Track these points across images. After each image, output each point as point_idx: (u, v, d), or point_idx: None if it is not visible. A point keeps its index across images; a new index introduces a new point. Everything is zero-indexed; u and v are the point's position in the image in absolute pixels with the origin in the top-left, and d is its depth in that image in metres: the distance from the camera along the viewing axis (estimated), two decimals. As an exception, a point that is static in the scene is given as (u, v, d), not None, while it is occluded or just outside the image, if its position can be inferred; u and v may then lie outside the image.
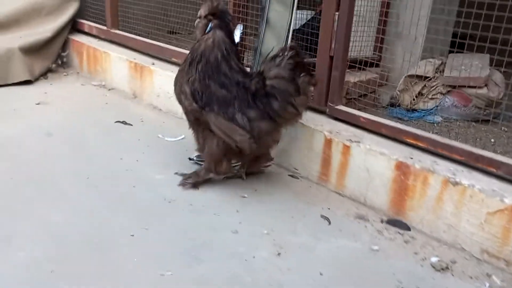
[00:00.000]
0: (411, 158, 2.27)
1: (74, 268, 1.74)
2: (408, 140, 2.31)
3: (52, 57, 4.43)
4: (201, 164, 2.54)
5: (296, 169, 2.72)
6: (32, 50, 4.14)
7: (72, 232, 1.97)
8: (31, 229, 1.97)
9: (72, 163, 2.61)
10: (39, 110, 3.48)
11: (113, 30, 4.25)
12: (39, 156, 2.68)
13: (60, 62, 4.53)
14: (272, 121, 2.21)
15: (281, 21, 2.68)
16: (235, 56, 2.27)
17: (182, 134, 3.04)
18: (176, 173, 2.52)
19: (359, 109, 2.64)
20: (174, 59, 3.59)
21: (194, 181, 2.40)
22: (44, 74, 4.27)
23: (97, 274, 1.71)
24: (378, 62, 3.25)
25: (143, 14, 4.18)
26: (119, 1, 4.17)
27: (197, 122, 2.29)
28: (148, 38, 4.02)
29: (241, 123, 2.19)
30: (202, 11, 2.30)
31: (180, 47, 3.65)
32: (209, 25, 2.28)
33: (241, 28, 3.03)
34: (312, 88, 2.33)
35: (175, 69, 2.55)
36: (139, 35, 4.09)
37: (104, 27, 4.32)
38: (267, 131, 2.23)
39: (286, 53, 2.20)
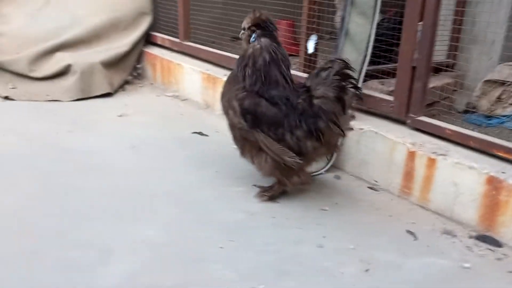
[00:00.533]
0: (503, 172, 2.15)
1: (171, 278, 1.79)
2: (499, 154, 2.19)
3: (128, 69, 4.55)
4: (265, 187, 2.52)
5: (376, 182, 2.65)
6: (111, 64, 4.28)
7: (166, 245, 2.01)
8: (128, 242, 2.02)
9: (158, 178, 2.64)
10: (121, 122, 3.55)
11: (185, 42, 4.31)
12: (126, 170, 2.72)
13: (135, 74, 4.66)
14: (318, 139, 2.20)
15: (361, 33, 2.64)
16: (283, 63, 2.25)
17: None
18: (254, 185, 2.51)
19: (433, 116, 2.56)
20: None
21: (271, 194, 2.40)
22: (122, 86, 4.39)
23: (194, 285, 1.75)
24: (451, 68, 3.12)
25: (209, 21, 4.23)
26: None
27: (243, 137, 2.28)
28: (213, 46, 4.09)
29: (291, 144, 2.19)
30: (245, 23, 2.29)
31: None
32: (253, 36, 2.26)
33: (315, 39, 2.98)
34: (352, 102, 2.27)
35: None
36: (204, 44, 4.15)
37: (177, 39, 4.38)
38: (313, 149, 2.22)
39: (332, 66, 2.17)
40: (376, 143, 2.57)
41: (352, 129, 2.39)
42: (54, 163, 2.72)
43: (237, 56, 2.43)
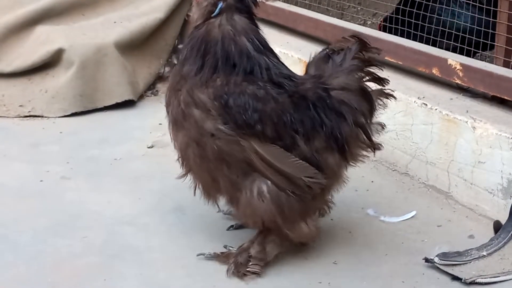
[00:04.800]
0: None
1: None
2: None
3: (164, 54, 4.33)
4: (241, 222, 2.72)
5: None
6: (134, 46, 4.15)
7: None
8: None
9: None
10: (154, 159, 3.43)
11: (270, 2, 4.14)
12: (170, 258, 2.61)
13: (176, 61, 4.31)
14: (340, 154, 2.38)
15: None
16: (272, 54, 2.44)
17: (413, 209, 2.94)
18: (225, 246, 2.62)
19: None
20: (388, 58, 3.38)
21: (262, 265, 2.47)
22: (152, 86, 4.24)
23: None
24: None
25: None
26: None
27: (217, 157, 2.36)
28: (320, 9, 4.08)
29: (307, 154, 2.34)
30: None
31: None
32: (219, 5, 2.37)
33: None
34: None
35: (394, 78, 2.85)
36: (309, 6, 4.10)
37: None
38: (335, 170, 2.41)
39: (349, 47, 2.39)
40: None
41: (381, 145, 2.57)
42: (45, 243, 2.71)
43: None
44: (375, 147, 2.46)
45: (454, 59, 3.00)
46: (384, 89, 2.47)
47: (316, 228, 2.50)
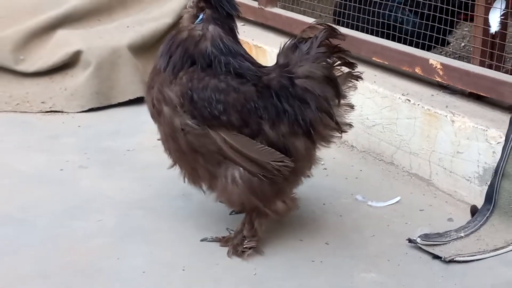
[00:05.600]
0: None
1: None
2: None
3: None
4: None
5: None
6: (145, 48, 4.11)
7: None
8: None
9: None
10: (162, 152, 3.37)
11: (268, 9, 4.13)
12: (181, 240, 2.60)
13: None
14: (307, 137, 2.36)
15: None
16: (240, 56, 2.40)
17: (398, 195, 2.92)
18: (227, 229, 2.62)
19: None
20: (375, 59, 3.37)
21: (254, 243, 2.46)
22: None
23: None
24: None
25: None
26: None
27: (191, 148, 2.36)
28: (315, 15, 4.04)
29: (273, 138, 2.32)
30: None
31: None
32: (199, 16, 2.40)
33: (503, 6, 2.92)
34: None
35: (380, 77, 2.82)
36: (305, 12, 4.05)
37: (255, 4, 4.23)
38: (303, 153, 2.38)
39: (315, 35, 2.34)
40: None
41: (351, 124, 2.51)
42: (62, 225, 2.71)
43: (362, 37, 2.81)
44: (341, 129, 2.41)
45: (435, 59, 2.97)
46: (353, 72, 2.42)
47: (293, 201, 2.48)
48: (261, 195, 2.36)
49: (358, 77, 2.44)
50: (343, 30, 2.69)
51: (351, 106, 2.46)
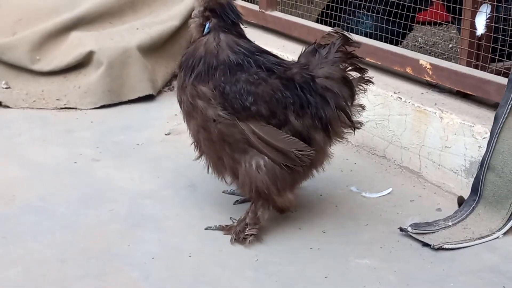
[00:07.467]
0: None
1: None
2: None
3: (178, 56, 4.17)
4: (243, 198, 2.71)
5: None
6: (153, 49, 4.08)
7: None
8: None
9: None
10: (170, 145, 3.39)
11: (269, 12, 4.09)
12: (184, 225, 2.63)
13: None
14: (325, 131, 2.40)
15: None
16: (265, 53, 2.45)
17: (390, 186, 2.92)
18: (231, 218, 2.60)
19: None
20: (369, 59, 3.34)
21: (255, 230, 2.45)
22: (168, 83, 4.21)
23: None
24: None
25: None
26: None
27: (221, 139, 2.38)
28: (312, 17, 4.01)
29: (298, 127, 2.35)
30: (197, 3, 2.43)
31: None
32: (206, 26, 2.40)
33: (488, 10, 2.91)
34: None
35: (374, 76, 2.66)
36: (303, 15, 4.04)
37: (256, 8, 4.19)
38: (322, 146, 2.42)
39: (333, 42, 2.40)
40: None
41: (362, 123, 2.57)
42: (78, 213, 2.72)
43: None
44: (355, 126, 2.47)
45: (425, 60, 2.96)
46: (364, 76, 2.48)
47: (296, 197, 2.50)
48: (280, 183, 2.38)
49: (368, 81, 2.50)
50: (356, 37, 2.74)
51: (362, 107, 2.52)
